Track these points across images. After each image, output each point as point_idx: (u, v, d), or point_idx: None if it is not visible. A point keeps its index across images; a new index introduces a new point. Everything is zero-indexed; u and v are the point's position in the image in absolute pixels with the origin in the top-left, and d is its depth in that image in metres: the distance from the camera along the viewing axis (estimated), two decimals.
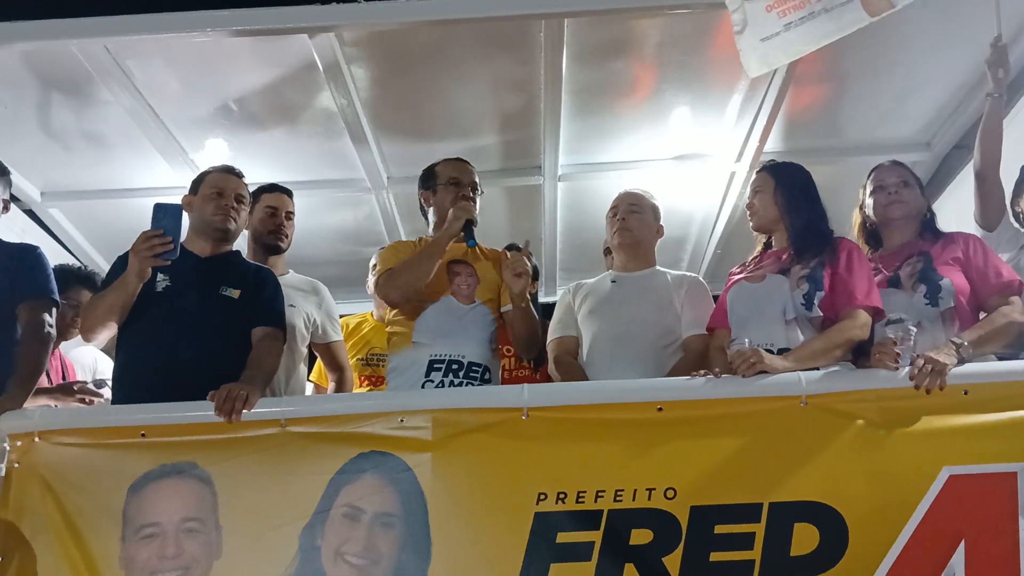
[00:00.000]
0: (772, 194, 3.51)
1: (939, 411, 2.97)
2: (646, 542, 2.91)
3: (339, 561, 2.91)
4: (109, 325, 3.38)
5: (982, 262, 3.34)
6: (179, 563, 2.91)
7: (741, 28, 3.69)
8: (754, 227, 3.61)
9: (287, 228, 4.03)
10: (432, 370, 3.53)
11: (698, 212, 5.57)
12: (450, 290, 3.67)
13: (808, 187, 3.52)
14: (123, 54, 4.04)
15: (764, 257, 3.55)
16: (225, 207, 3.54)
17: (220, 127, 4.60)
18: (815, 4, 3.53)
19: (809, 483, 2.92)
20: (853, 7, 3.48)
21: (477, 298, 3.68)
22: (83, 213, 5.27)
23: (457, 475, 3.03)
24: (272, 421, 3.07)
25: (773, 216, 3.51)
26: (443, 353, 3.54)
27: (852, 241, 3.49)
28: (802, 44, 3.59)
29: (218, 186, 3.57)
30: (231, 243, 3.64)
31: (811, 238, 3.41)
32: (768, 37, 3.64)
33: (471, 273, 3.72)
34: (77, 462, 3.07)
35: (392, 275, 3.64)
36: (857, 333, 3.21)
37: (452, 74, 4.29)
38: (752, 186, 3.62)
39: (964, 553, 2.84)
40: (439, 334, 3.58)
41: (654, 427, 3.03)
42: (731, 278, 3.60)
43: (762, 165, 3.72)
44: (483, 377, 3.56)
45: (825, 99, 4.66)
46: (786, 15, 3.58)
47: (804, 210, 3.46)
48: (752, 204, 3.58)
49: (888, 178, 3.58)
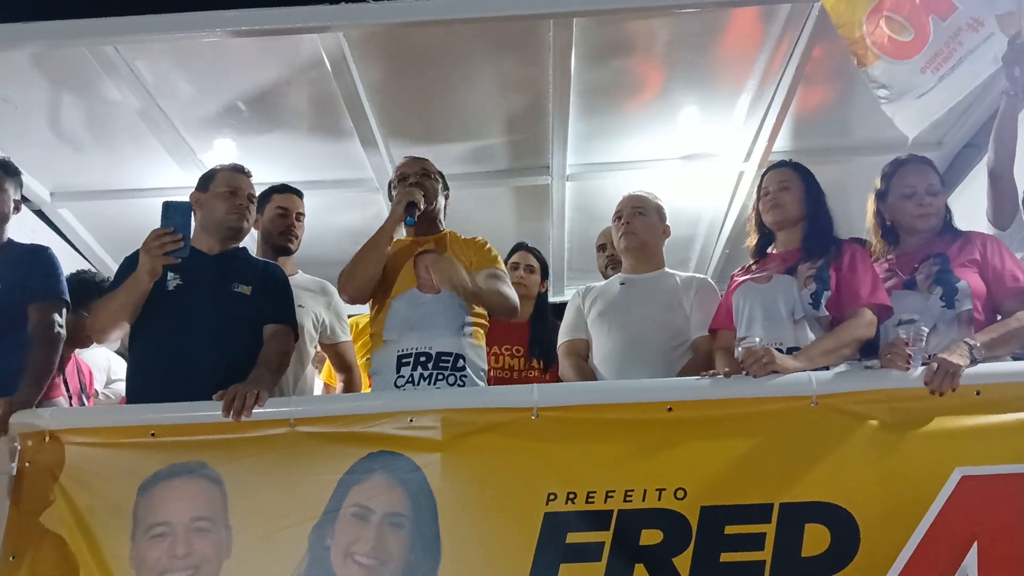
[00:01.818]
0: (801, 192, 3.49)
1: (951, 412, 2.95)
2: (656, 542, 2.89)
3: (348, 561, 2.90)
4: (121, 324, 3.38)
5: (999, 264, 3.31)
6: (189, 562, 2.91)
7: (888, 97, 3.73)
8: (773, 221, 3.51)
9: (297, 229, 4.04)
10: (401, 365, 3.45)
11: (706, 212, 5.56)
12: (416, 283, 3.58)
13: (821, 189, 3.53)
14: (132, 55, 4.05)
15: (769, 259, 3.53)
16: (240, 206, 3.54)
17: (229, 127, 4.61)
18: (962, 49, 3.55)
19: (820, 484, 2.91)
20: (994, 38, 3.50)
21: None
22: (92, 213, 5.28)
23: (467, 475, 3.02)
24: (282, 421, 3.06)
25: (797, 214, 3.49)
26: (410, 347, 3.46)
27: (856, 243, 3.48)
28: (956, 90, 3.62)
29: (232, 185, 3.56)
30: (240, 241, 3.64)
31: (823, 240, 3.42)
32: (923, 94, 3.67)
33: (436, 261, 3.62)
34: (87, 461, 3.07)
35: (343, 273, 3.60)
36: (864, 331, 3.22)
37: (460, 74, 4.29)
38: (777, 180, 3.53)
39: (977, 554, 2.82)
40: (404, 328, 3.50)
41: (664, 427, 3.02)
42: (733, 280, 3.60)
43: (781, 161, 3.67)
44: (455, 365, 3.44)
45: (835, 98, 4.65)
46: (939, 69, 3.61)
47: (824, 212, 3.48)
48: (778, 198, 3.49)
49: (919, 184, 3.49)
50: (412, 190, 3.60)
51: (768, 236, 3.58)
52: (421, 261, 3.59)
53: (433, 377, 3.42)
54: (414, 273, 3.59)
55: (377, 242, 3.58)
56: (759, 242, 3.60)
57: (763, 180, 3.61)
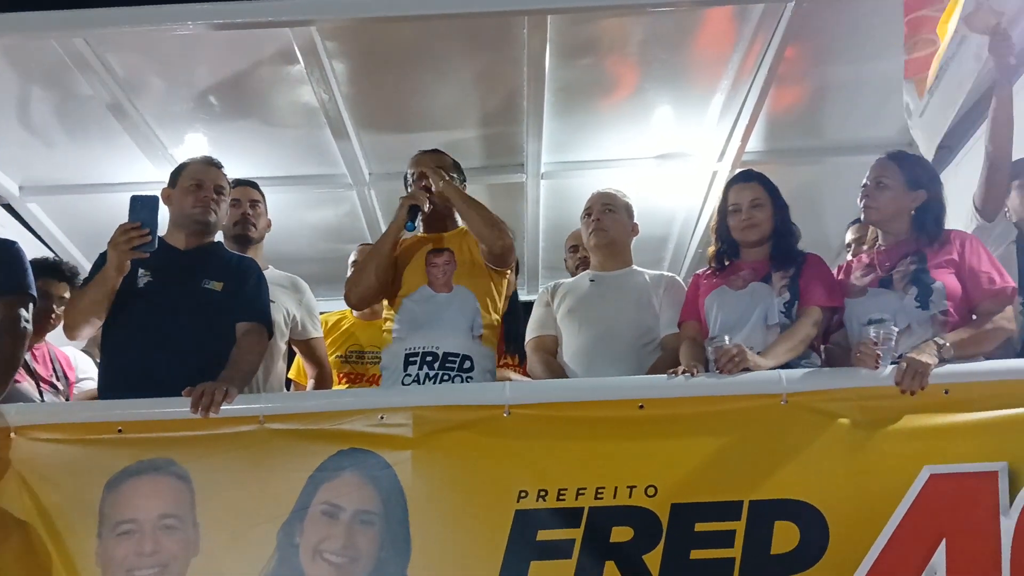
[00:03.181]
0: (771, 210, 3.50)
1: (920, 410, 2.97)
2: (626, 540, 2.90)
3: (317, 559, 2.89)
4: (91, 321, 3.35)
5: (977, 264, 3.29)
6: (156, 560, 2.88)
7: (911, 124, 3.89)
8: (748, 240, 3.50)
9: (253, 217, 3.97)
10: (408, 364, 3.45)
11: (680, 211, 5.58)
12: (427, 280, 3.59)
13: (785, 202, 3.55)
14: (103, 48, 4.01)
15: (738, 266, 3.53)
16: (204, 199, 3.49)
17: (200, 122, 4.57)
18: (942, 58, 3.63)
19: (790, 481, 2.92)
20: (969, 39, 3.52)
21: (458, 283, 3.58)
22: (62, 208, 5.23)
23: (438, 472, 3.01)
24: (251, 418, 3.04)
25: (771, 231, 3.50)
26: (417, 346, 3.46)
27: (818, 256, 3.53)
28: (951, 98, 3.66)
29: (197, 178, 3.52)
30: (212, 235, 3.60)
31: (791, 254, 3.48)
32: (923, 111, 3.79)
33: (448, 260, 3.62)
34: (54, 458, 3.04)
35: (348, 280, 3.60)
36: (812, 329, 3.30)
37: (435, 69, 4.27)
38: (749, 199, 3.50)
39: (945, 552, 2.85)
40: (414, 326, 3.51)
41: (635, 425, 3.02)
42: (700, 279, 3.62)
43: (746, 173, 3.66)
44: (462, 367, 3.44)
45: (807, 99, 4.68)
46: (928, 85, 3.71)
47: (790, 226, 3.53)
48: (753, 217, 3.47)
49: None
50: (416, 192, 3.58)
51: (732, 246, 3.57)
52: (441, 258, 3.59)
53: (439, 377, 3.42)
54: (425, 271, 3.58)
55: (380, 247, 3.57)
56: (719, 252, 3.60)
57: (729, 193, 3.58)
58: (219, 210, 3.55)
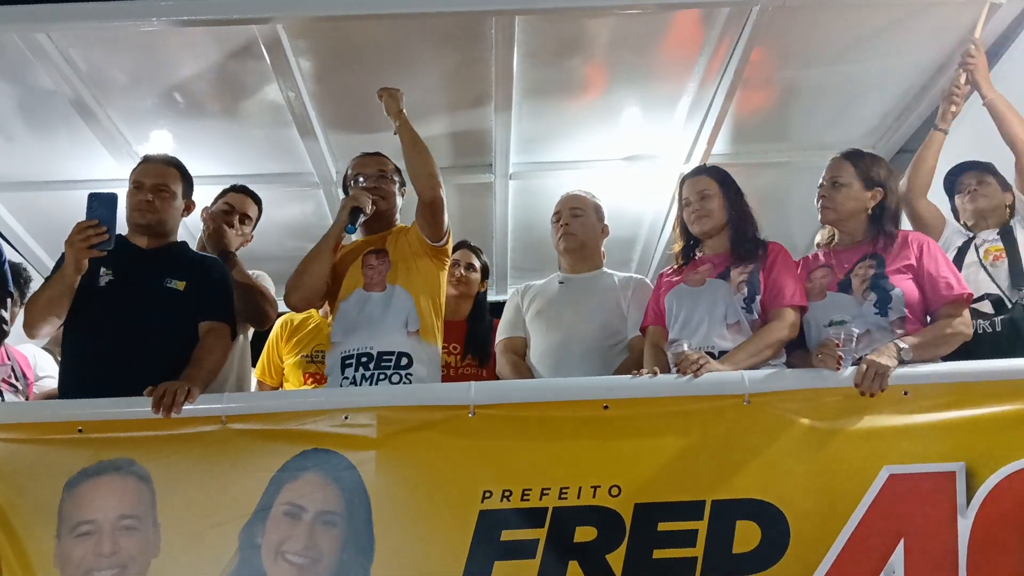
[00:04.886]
0: (721, 199, 3.52)
1: (880, 411, 3.01)
2: (590, 539, 2.91)
3: (279, 560, 2.88)
4: (50, 320, 3.31)
5: (935, 270, 3.31)
6: (115, 561, 2.86)
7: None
8: (702, 232, 3.54)
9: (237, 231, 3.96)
10: (344, 367, 3.43)
11: (647, 213, 5.59)
12: (363, 282, 3.55)
13: (740, 190, 3.58)
14: (66, 42, 3.95)
15: (699, 262, 3.56)
16: (139, 202, 3.44)
17: (165, 119, 4.52)
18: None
19: (751, 481, 2.94)
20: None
21: (392, 282, 3.53)
22: (24, 205, 5.15)
23: (402, 473, 3.01)
24: (213, 418, 3.02)
25: (723, 220, 3.52)
26: (352, 348, 3.43)
27: (780, 245, 3.53)
28: None
29: (137, 179, 3.48)
30: (170, 235, 3.56)
31: (751, 243, 3.47)
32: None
33: (382, 259, 3.58)
34: (12, 458, 3.01)
35: (288, 282, 3.55)
36: (787, 332, 3.30)
37: (402, 68, 4.25)
38: (697, 190, 3.56)
39: (904, 552, 2.88)
40: (348, 329, 3.48)
41: (600, 425, 3.03)
42: (663, 279, 3.63)
43: (697, 168, 3.70)
44: (399, 364, 3.41)
45: (772, 103, 4.70)
46: None
47: (746, 213, 3.53)
48: (702, 208, 3.52)
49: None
50: (359, 195, 3.55)
51: (694, 241, 3.61)
52: (375, 259, 3.55)
53: (375, 377, 3.38)
54: (361, 273, 3.55)
55: (321, 249, 3.54)
56: (685, 248, 3.63)
57: (682, 189, 3.63)
58: (164, 210, 3.48)
